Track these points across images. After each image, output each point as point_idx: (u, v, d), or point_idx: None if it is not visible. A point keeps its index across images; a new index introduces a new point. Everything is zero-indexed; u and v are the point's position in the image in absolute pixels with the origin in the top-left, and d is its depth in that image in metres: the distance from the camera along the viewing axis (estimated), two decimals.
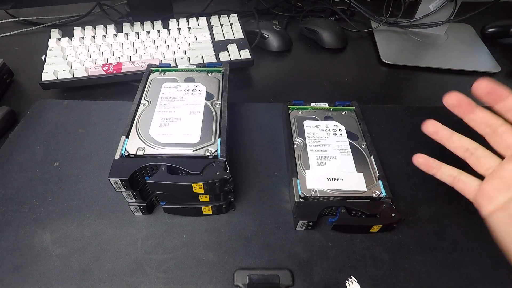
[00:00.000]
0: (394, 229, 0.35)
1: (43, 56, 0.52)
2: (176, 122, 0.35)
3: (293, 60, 0.60)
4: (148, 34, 0.57)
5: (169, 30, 0.57)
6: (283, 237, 0.34)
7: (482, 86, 0.28)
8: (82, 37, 0.56)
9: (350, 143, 0.39)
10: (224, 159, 0.32)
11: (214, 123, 0.35)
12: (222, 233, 0.35)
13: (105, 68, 0.50)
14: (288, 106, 0.43)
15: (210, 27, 0.59)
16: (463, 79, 0.57)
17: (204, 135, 0.34)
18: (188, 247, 0.33)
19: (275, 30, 0.61)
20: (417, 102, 0.53)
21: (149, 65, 0.43)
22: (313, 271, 0.32)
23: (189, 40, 0.56)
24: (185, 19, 0.59)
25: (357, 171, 0.36)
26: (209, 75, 0.41)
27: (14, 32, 0.64)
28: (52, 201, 0.37)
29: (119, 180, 0.30)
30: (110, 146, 0.42)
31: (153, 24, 0.58)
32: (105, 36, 0.56)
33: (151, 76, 0.41)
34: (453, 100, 0.29)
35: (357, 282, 0.31)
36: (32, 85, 0.53)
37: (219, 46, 0.55)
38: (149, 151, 0.32)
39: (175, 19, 0.59)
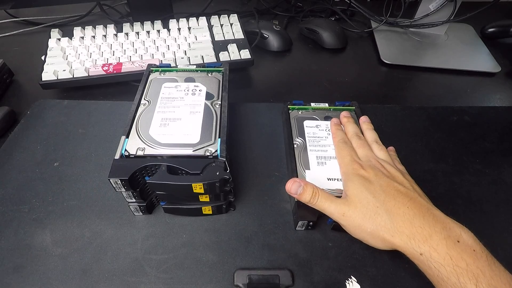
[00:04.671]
0: None
1: (43, 56, 0.52)
2: (176, 122, 0.35)
3: (293, 60, 0.60)
4: (148, 34, 0.57)
5: (169, 30, 0.57)
6: (283, 237, 0.34)
7: None
8: (82, 37, 0.56)
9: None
10: (224, 159, 0.32)
11: (214, 123, 0.35)
12: (222, 233, 0.35)
13: (105, 68, 0.50)
14: (288, 106, 0.43)
15: (210, 27, 0.59)
16: (463, 79, 0.57)
17: (204, 135, 0.34)
18: (188, 247, 0.33)
19: (275, 30, 0.61)
20: (417, 102, 0.53)
21: (149, 65, 0.43)
22: (313, 271, 0.32)
23: (189, 40, 0.56)
24: (185, 19, 0.59)
25: None
26: (209, 75, 0.41)
27: (14, 32, 0.64)
28: (52, 201, 0.37)
29: (119, 180, 0.30)
30: (110, 146, 0.42)
31: (153, 24, 0.58)
32: (105, 36, 0.56)
33: (151, 76, 0.41)
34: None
35: (357, 282, 0.31)
36: (32, 85, 0.53)
37: (219, 46, 0.55)
38: (149, 151, 0.32)
39: (175, 19, 0.59)
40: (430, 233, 0.27)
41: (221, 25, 0.59)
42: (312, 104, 0.44)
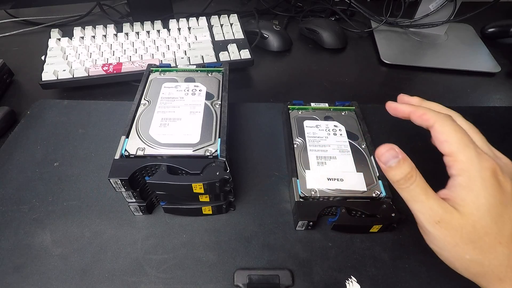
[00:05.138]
0: (394, 229, 0.35)
1: (43, 56, 0.52)
2: (176, 122, 0.35)
3: (293, 60, 0.60)
4: (148, 34, 0.57)
5: (169, 30, 0.57)
6: (283, 237, 0.34)
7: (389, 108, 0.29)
8: (82, 37, 0.56)
9: (350, 143, 0.39)
10: (224, 159, 0.32)
11: (214, 123, 0.35)
12: (222, 233, 0.35)
13: (105, 68, 0.50)
14: (288, 106, 0.43)
15: (210, 27, 0.59)
16: (463, 79, 0.57)
17: (204, 135, 0.34)
18: (188, 247, 0.33)
19: (275, 30, 0.61)
20: None
21: (149, 65, 0.43)
22: (313, 271, 0.32)
23: (189, 40, 0.56)
24: (185, 19, 0.59)
25: (357, 171, 0.36)
26: (209, 75, 0.41)
27: (14, 32, 0.64)
28: (52, 201, 0.37)
29: (119, 180, 0.30)
30: (110, 146, 0.42)
31: (153, 24, 0.58)
32: (105, 36, 0.56)
33: (151, 76, 0.41)
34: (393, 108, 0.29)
35: (357, 282, 0.31)
36: (32, 85, 0.52)
37: (219, 46, 0.55)
38: (149, 151, 0.32)
39: (175, 19, 0.59)
40: None
41: (221, 25, 0.59)
42: (312, 104, 0.44)
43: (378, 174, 0.36)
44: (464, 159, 0.23)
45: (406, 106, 0.28)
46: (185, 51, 0.54)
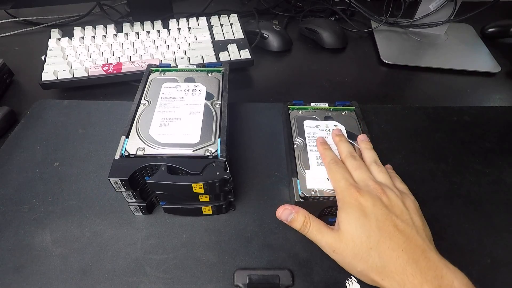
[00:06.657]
0: None
1: (43, 56, 0.52)
2: (176, 122, 0.35)
3: (293, 60, 0.60)
4: (148, 34, 0.57)
5: (169, 30, 0.57)
6: (283, 237, 0.34)
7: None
8: (82, 37, 0.56)
9: (350, 143, 0.39)
10: (224, 159, 0.32)
11: (214, 123, 0.35)
12: (222, 233, 0.35)
13: (105, 68, 0.50)
14: (288, 106, 0.43)
15: (210, 27, 0.59)
16: (463, 79, 0.57)
17: (204, 135, 0.34)
18: (188, 247, 0.33)
19: (275, 30, 0.61)
20: (417, 102, 0.53)
21: (149, 65, 0.43)
22: (313, 271, 0.32)
23: (189, 40, 0.56)
24: (185, 19, 0.59)
25: None
26: (209, 75, 0.41)
27: (14, 32, 0.64)
28: (52, 201, 0.37)
29: (119, 180, 0.30)
30: (110, 146, 0.42)
31: (153, 24, 0.58)
32: (105, 36, 0.56)
33: (151, 76, 0.41)
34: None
35: (357, 282, 0.31)
36: (32, 85, 0.53)
37: (219, 46, 0.55)
38: (149, 151, 0.32)
39: (175, 19, 0.59)
40: (421, 282, 0.26)
41: (221, 25, 0.59)
42: (312, 104, 0.44)
43: None
44: (338, 191, 0.32)
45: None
46: (185, 51, 0.54)
